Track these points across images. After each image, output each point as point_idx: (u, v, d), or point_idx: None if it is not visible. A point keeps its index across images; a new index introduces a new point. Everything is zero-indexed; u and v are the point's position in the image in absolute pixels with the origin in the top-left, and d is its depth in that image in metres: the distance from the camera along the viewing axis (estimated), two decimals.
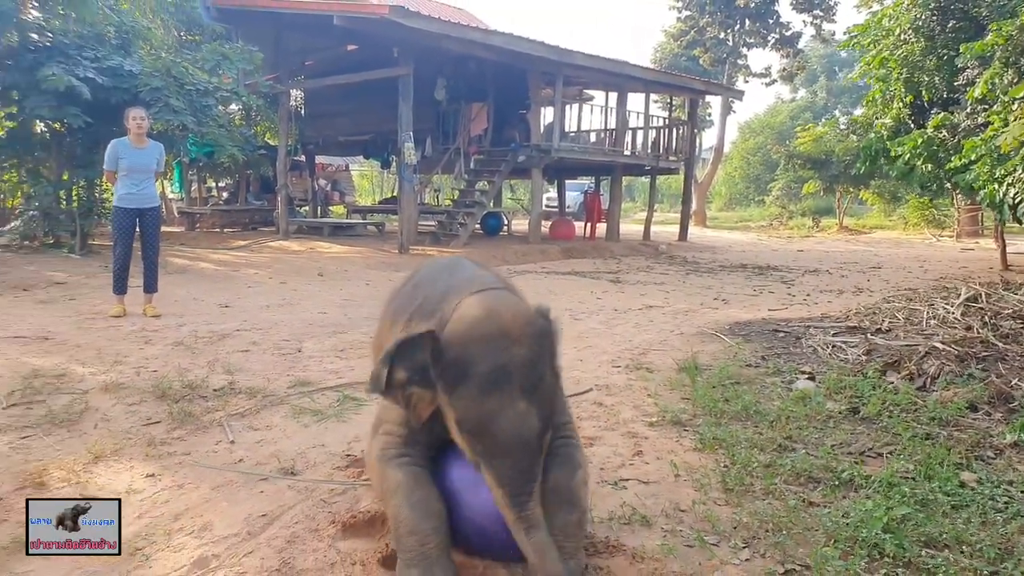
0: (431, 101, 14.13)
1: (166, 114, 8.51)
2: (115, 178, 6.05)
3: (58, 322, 5.68)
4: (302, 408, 3.69)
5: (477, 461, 1.83)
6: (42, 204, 9.31)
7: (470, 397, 1.78)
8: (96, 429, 3.33)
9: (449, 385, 1.82)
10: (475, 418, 1.78)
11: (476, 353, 1.80)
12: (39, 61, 8.34)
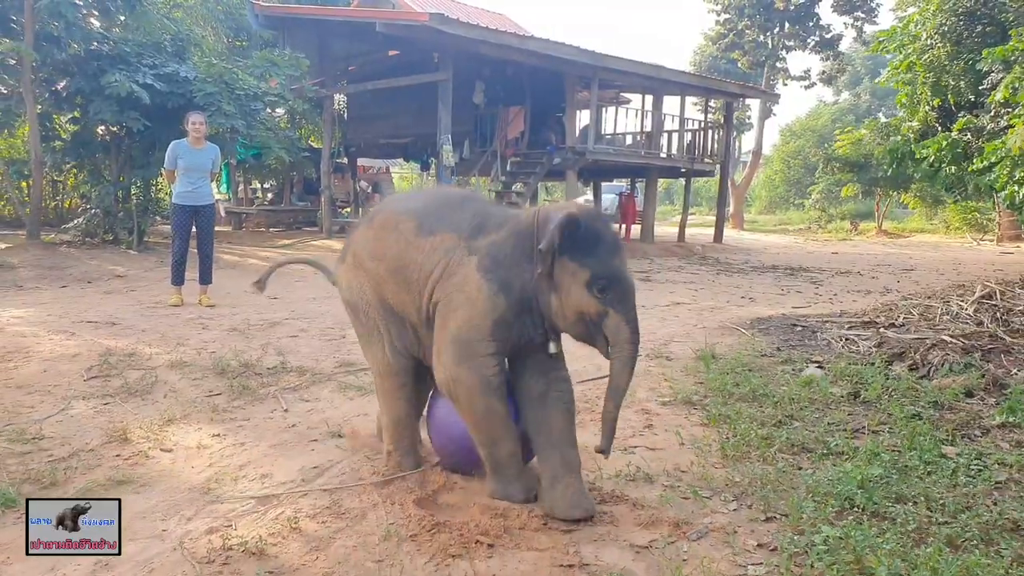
0: (469, 104, 14.56)
1: (218, 118, 9.06)
2: (174, 177, 6.56)
3: (123, 310, 6.21)
4: (347, 384, 4.10)
5: (604, 310, 2.41)
6: (102, 203, 9.96)
7: (603, 258, 2.40)
8: (166, 398, 3.78)
9: (585, 251, 2.38)
10: (609, 272, 2.40)
11: (600, 228, 2.46)
12: (102, 68, 8.95)
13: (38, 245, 9.61)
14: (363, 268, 2.76)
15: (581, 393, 4.02)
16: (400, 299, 2.67)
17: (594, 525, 2.44)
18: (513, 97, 15.15)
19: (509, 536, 2.33)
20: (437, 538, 2.28)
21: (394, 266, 2.64)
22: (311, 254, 11.20)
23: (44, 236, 10.18)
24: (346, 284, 2.84)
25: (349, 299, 2.85)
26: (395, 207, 2.88)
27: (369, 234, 2.78)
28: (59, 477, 2.68)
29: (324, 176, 14.60)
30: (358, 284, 2.78)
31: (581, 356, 4.83)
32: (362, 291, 2.77)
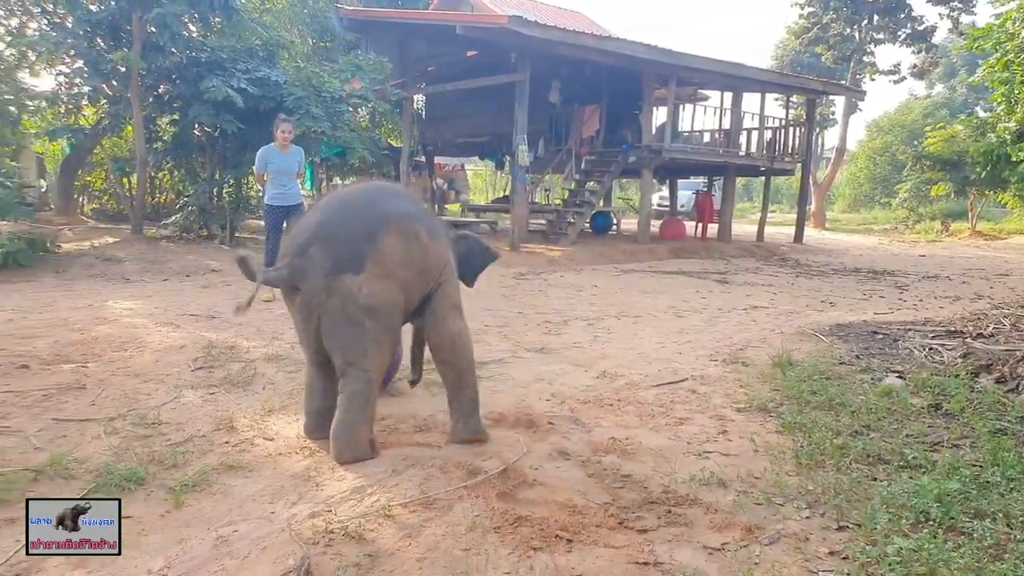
0: (545, 103, 14.70)
1: (307, 120, 9.48)
2: (263, 180, 6.98)
3: (220, 304, 6.63)
4: (431, 381, 4.31)
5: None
6: (198, 200, 10.56)
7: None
8: (264, 390, 4.07)
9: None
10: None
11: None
12: (201, 74, 9.49)
13: (141, 240, 10.26)
14: (394, 276, 3.03)
15: (656, 398, 4.14)
16: (414, 297, 3.20)
17: (669, 526, 2.57)
18: (589, 96, 15.21)
19: (586, 532, 2.47)
20: (519, 531, 2.45)
21: (420, 268, 3.15)
22: None
23: (146, 231, 10.86)
24: (370, 291, 2.97)
25: (370, 304, 2.97)
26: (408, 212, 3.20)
27: (396, 244, 3.04)
28: (179, 460, 2.97)
29: (403, 175, 15.00)
30: (386, 290, 3.02)
31: (656, 360, 4.96)
32: (390, 296, 3.03)
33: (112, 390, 3.92)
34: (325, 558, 2.24)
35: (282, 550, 2.28)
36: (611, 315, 6.91)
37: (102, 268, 8.55)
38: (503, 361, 4.86)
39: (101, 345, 4.96)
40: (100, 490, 2.65)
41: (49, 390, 3.86)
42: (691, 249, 14.01)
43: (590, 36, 12.48)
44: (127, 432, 3.30)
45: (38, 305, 6.40)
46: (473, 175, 31.84)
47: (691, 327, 6.48)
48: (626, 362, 5.00)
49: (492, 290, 8.39)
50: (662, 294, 8.57)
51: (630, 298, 8.13)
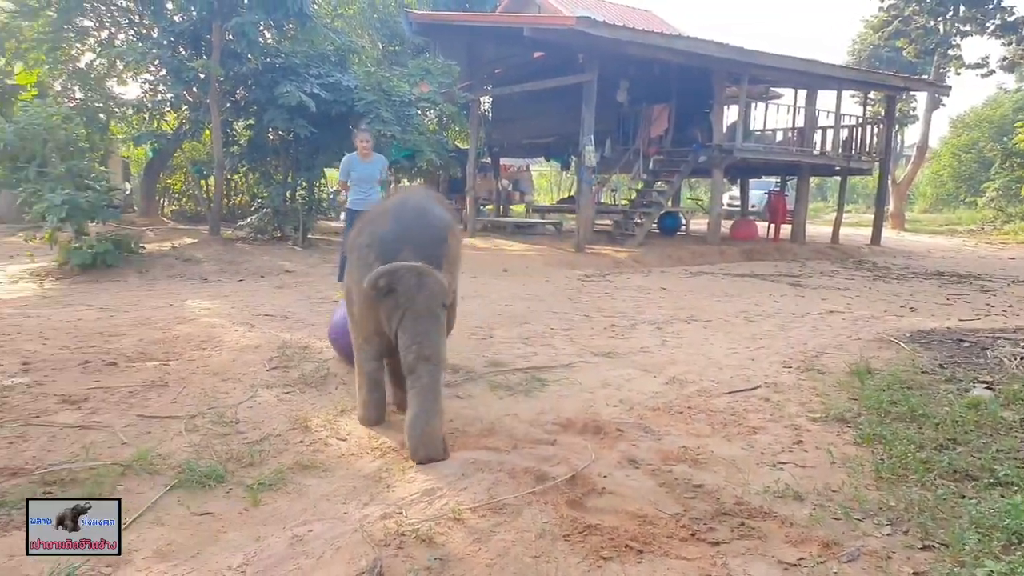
0: (612, 103, 14.60)
1: (377, 124, 9.67)
2: (347, 187, 7.23)
3: (294, 304, 6.81)
4: (497, 384, 4.34)
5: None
6: (273, 202, 10.89)
7: None
8: (337, 390, 4.16)
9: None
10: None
11: None
12: (276, 80, 9.79)
13: (218, 240, 10.65)
14: (452, 273, 3.52)
15: (728, 406, 4.05)
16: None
17: (742, 539, 2.51)
18: (658, 95, 15.02)
19: (657, 543, 2.44)
20: (589, 540, 2.43)
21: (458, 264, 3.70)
22: None
23: (222, 232, 11.26)
24: (446, 288, 3.31)
25: (446, 300, 3.36)
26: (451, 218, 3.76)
27: (455, 244, 3.58)
28: (255, 458, 3.07)
29: (470, 176, 15.13)
30: (452, 285, 3.52)
31: (727, 366, 4.85)
32: (454, 291, 3.56)
33: (192, 388, 4.08)
34: (397, 560, 2.27)
35: (355, 551, 2.33)
36: (680, 319, 6.80)
37: (182, 268, 8.91)
38: (570, 366, 4.84)
39: (181, 344, 5.16)
40: (183, 487, 2.76)
41: (135, 387, 4.04)
42: (763, 251, 13.68)
43: (659, 35, 12.33)
44: (207, 429, 3.43)
45: (123, 304, 6.71)
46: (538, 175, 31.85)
47: (764, 332, 6.33)
48: (696, 368, 4.92)
49: (558, 292, 8.39)
50: (733, 297, 8.40)
51: (700, 301, 7.99)
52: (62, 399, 3.78)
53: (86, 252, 8.43)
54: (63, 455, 3.05)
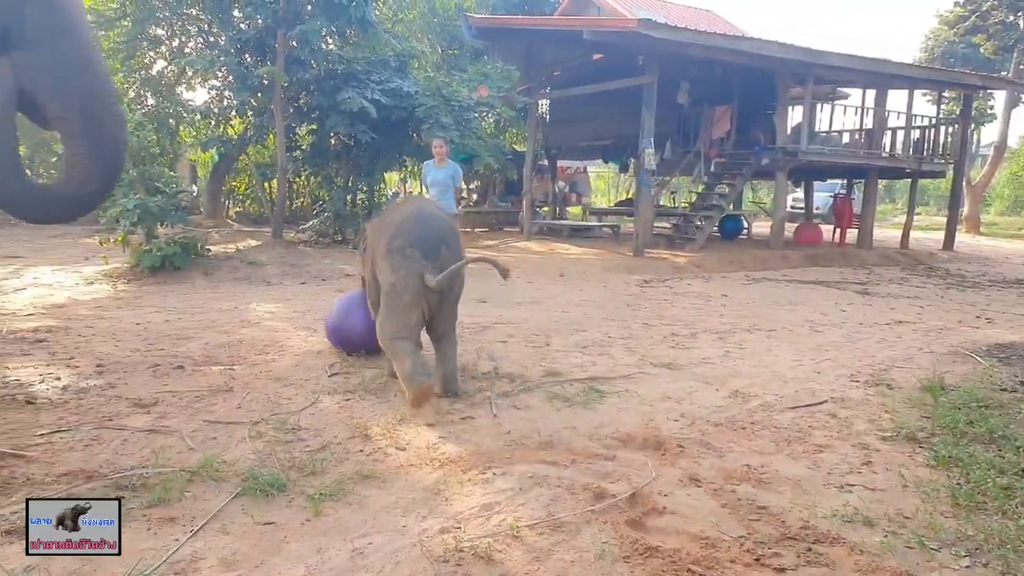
0: (673, 104, 14.41)
1: (437, 130, 9.76)
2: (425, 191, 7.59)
3: None
4: (554, 394, 4.32)
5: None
6: (334, 206, 11.11)
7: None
8: (396, 398, 4.20)
9: None
10: None
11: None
12: (337, 86, 9.99)
13: (280, 243, 10.91)
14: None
15: (793, 422, 3.95)
16: None
17: (809, 565, 2.44)
18: (719, 96, 14.77)
19: (720, 568, 2.39)
20: (649, 562, 2.40)
21: None
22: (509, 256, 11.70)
23: (284, 235, 11.54)
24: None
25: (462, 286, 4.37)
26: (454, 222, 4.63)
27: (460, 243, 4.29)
28: (317, 467, 3.12)
29: (526, 180, 15.13)
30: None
31: (792, 379, 4.72)
32: None
33: (256, 393, 4.17)
34: None
35: (414, 566, 2.34)
36: (742, 328, 6.66)
37: (246, 271, 9.16)
38: (629, 377, 4.79)
39: (246, 348, 5.30)
40: (246, 494, 2.82)
41: (201, 391, 4.16)
42: (828, 256, 13.31)
43: (722, 36, 12.11)
44: (270, 436, 3.50)
45: (190, 307, 6.93)
46: (595, 177, 31.71)
47: (829, 343, 6.15)
48: (760, 381, 4.81)
49: (616, 298, 8.32)
50: (797, 305, 8.19)
51: (763, 309, 7.81)
52: (133, 402, 3.92)
53: (155, 255, 8.74)
54: (134, 459, 3.15)
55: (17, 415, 3.67)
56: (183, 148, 15.60)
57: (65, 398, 3.99)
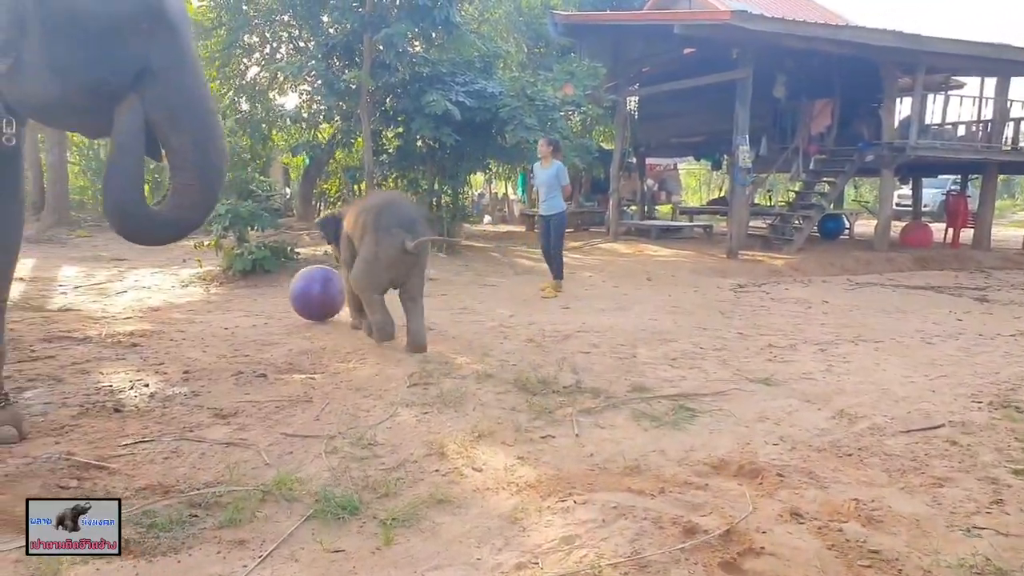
0: (769, 98, 13.81)
1: (521, 131, 9.65)
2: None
3: (435, 314, 6.85)
4: (641, 412, 4.10)
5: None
6: None
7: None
8: (474, 411, 4.08)
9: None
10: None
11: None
12: (423, 89, 10.01)
13: None
14: None
15: (906, 448, 3.60)
16: None
17: None
18: (819, 89, 14.05)
19: None
20: None
21: None
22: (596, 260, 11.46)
23: None
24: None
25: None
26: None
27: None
28: (391, 488, 3.02)
29: (613, 179, 14.85)
30: None
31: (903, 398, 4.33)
32: None
33: (335, 405, 4.14)
34: None
35: None
36: (846, 339, 6.23)
37: None
38: (722, 394, 4.51)
39: (328, 355, 5.31)
40: (318, 517, 2.75)
41: (281, 402, 4.16)
42: (939, 259, 12.47)
43: (821, 26, 11.51)
44: (345, 452, 3.43)
45: (278, 311, 7.04)
46: (686, 174, 31.00)
47: (945, 357, 5.66)
48: (867, 400, 4.44)
49: (708, 304, 7.98)
50: (907, 314, 7.63)
51: (868, 318, 7.31)
52: (214, 413, 3.94)
53: (246, 258, 8.97)
54: (210, 474, 3.14)
55: (105, 424, 3.74)
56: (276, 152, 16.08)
57: (151, 406, 4.06)
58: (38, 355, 5.13)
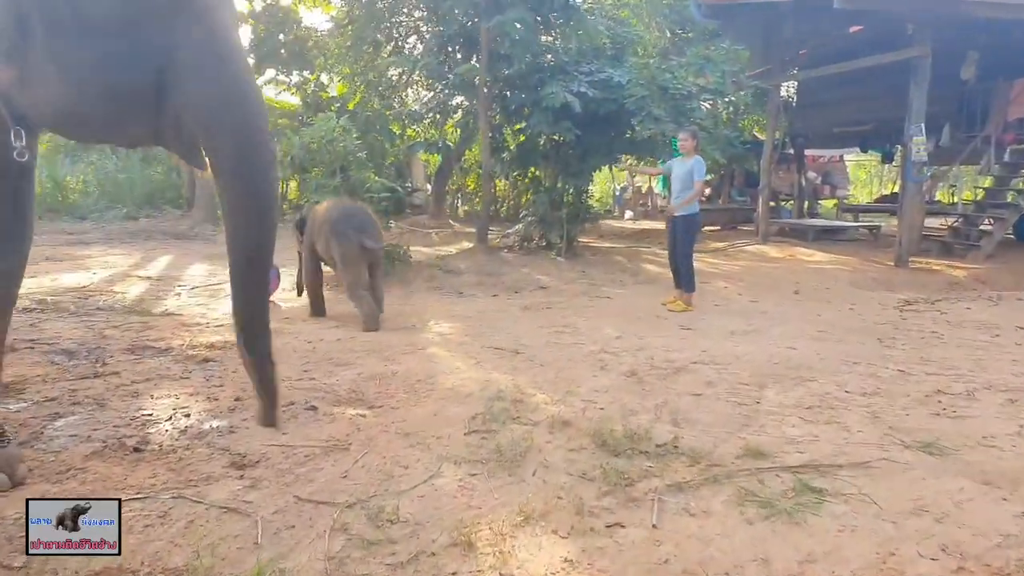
0: (952, 80, 11.90)
1: (649, 123, 8.68)
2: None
3: (531, 333, 6.15)
4: (748, 492, 3.15)
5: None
6: (538, 210, 10.44)
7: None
8: (533, 476, 3.32)
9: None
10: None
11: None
12: (543, 80, 9.27)
13: (483, 250, 10.51)
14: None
15: None
16: None
17: None
18: (1018, 67, 11.90)
19: None
20: None
21: None
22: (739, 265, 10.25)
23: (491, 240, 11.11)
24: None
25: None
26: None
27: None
28: None
29: (764, 173, 13.45)
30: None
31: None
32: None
33: (373, 456, 3.51)
34: None
35: None
36: None
37: (442, 280, 8.79)
38: (865, 466, 3.44)
39: (396, 383, 4.73)
40: None
41: (315, 448, 3.59)
42: None
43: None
44: (355, 531, 2.79)
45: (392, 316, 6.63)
46: (855, 166, 28.34)
47: None
48: None
49: (864, 328, 6.70)
50: None
51: None
52: (234, 461, 3.42)
53: None
54: (184, 555, 2.59)
55: (113, 469, 3.32)
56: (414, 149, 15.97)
57: (175, 446, 3.62)
58: (104, 370, 4.90)
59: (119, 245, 12.54)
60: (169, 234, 13.96)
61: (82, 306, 7.04)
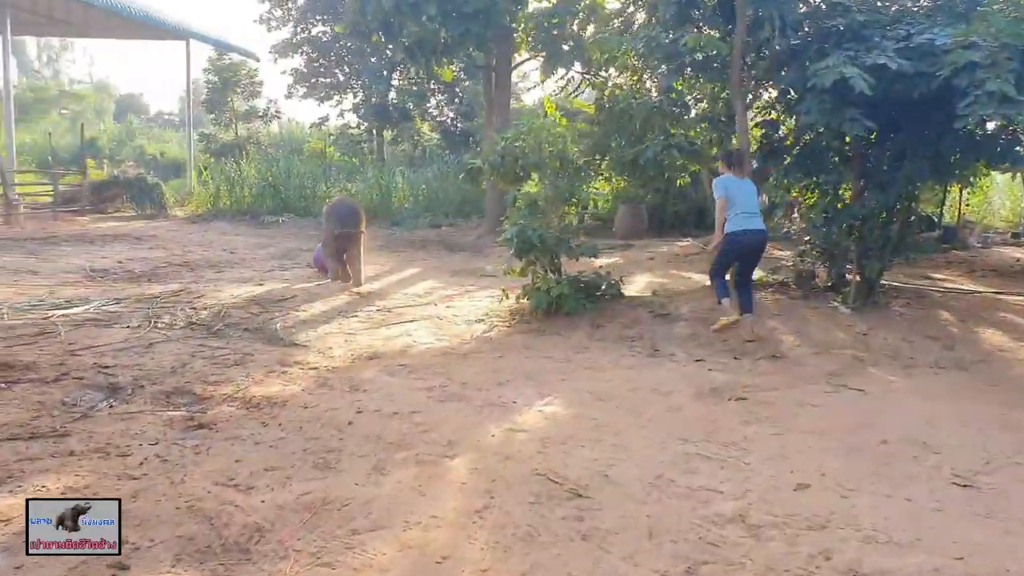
0: None
1: (988, 107, 5.37)
2: None
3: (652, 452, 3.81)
4: None
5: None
6: (822, 235, 7.47)
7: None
8: None
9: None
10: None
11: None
12: (824, 51, 6.42)
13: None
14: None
15: None
16: None
17: None
18: None
19: None
20: None
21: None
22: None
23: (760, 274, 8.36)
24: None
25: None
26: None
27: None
28: None
29: None
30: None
31: None
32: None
33: None
34: None
35: None
36: None
37: (640, 329, 6.55)
38: None
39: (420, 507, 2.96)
40: None
41: None
42: None
43: None
44: None
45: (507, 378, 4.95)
46: None
47: None
48: None
49: None
50: None
51: None
52: None
53: (544, 294, 6.96)
54: None
55: None
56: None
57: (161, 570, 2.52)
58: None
59: (385, 252, 12.41)
60: (450, 244, 13.60)
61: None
